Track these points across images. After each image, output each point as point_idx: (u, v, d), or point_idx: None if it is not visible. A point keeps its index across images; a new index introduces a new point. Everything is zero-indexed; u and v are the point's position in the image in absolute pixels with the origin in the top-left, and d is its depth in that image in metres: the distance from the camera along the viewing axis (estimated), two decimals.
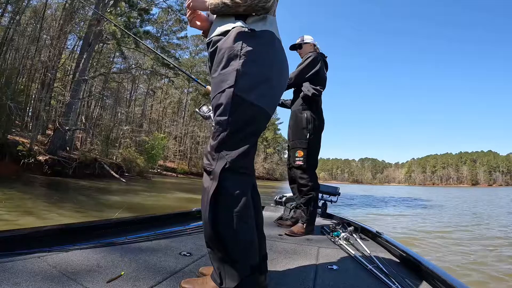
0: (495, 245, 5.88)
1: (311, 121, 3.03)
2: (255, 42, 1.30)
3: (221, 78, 1.30)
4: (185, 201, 11.51)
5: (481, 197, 29.72)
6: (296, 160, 3.02)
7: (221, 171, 1.23)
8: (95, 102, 27.43)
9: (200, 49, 49.99)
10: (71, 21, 17.51)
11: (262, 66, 1.30)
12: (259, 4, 1.31)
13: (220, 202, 1.24)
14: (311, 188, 2.97)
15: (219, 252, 1.26)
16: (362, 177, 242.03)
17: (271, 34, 1.36)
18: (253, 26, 1.33)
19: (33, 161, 13.88)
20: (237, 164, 1.25)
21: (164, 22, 30.74)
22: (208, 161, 1.28)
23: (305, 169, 3.01)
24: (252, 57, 1.28)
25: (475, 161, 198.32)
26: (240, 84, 1.25)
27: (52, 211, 6.31)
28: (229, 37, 1.31)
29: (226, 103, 1.26)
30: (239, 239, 1.25)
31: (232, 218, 1.23)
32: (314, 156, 3.07)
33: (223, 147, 1.26)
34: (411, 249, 2.15)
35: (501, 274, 3.99)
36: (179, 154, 48.38)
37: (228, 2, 1.32)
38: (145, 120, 40.22)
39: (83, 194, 10.65)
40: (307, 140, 3.00)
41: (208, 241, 1.29)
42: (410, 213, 12.15)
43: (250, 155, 1.31)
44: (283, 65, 1.41)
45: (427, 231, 7.18)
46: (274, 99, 1.38)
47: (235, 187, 1.25)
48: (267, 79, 1.31)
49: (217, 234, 1.25)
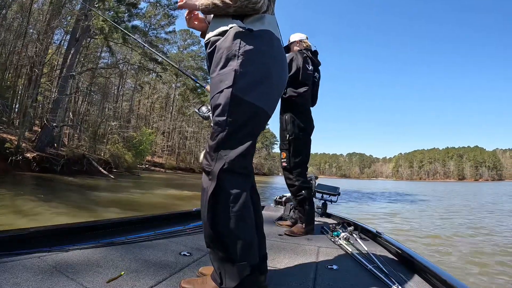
0: (495, 244, 5.83)
1: (290, 122, 3.03)
2: (253, 42, 1.30)
3: (219, 78, 1.30)
4: (176, 198, 11.42)
5: (476, 191, 29.71)
6: (282, 162, 3.08)
7: (220, 171, 1.24)
8: (82, 97, 27.04)
9: (188, 44, 49.60)
10: (58, 15, 17.22)
11: (261, 66, 1.30)
12: (248, 5, 1.30)
13: (219, 202, 1.25)
14: (299, 188, 2.96)
15: (219, 252, 1.27)
16: (350, 172, 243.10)
17: (269, 33, 1.36)
18: (251, 25, 1.32)
19: (21, 158, 13.73)
20: (235, 165, 1.25)
21: (152, 16, 30.43)
22: (207, 162, 1.28)
23: (289, 170, 3.03)
24: (251, 57, 1.28)
25: (461, 156, 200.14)
26: (239, 84, 1.26)
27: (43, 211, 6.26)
28: (227, 37, 1.32)
29: (224, 104, 1.26)
30: (238, 239, 1.25)
31: (231, 218, 1.24)
32: (298, 156, 3.04)
33: (222, 147, 1.26)
34: (411, 248, 2.15)
35: (501, 273, 4.00)
36: (167, 149, 48.07)
37: (218, 2, 1.33)
38: (132, 116, 39.76)
39: (73, 191, 10.57)
40: (287, 141, 3.02)
41: (208, 241, 1.30)
42: (409, 209, 12.16)
43: (249, 155, 1.31)
44: (283, 64, 1.42)
45: (426, 231, 7.16)
46: (274, 98, 1.38)
47: (233, 187, 1.25)
48: (266, 78, 1.31)
49: (217, 234, 1.26)
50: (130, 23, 21.78)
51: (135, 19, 23.40)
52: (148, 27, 31.35)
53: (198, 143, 55.56)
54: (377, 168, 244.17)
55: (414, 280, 1.65)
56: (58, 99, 16.69)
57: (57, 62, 21.60)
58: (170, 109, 51.66)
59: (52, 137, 16.95)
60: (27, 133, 16.74)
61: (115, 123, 28.59)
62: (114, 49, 25.85)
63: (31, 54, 16.13)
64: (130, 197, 10.53)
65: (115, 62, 27.08)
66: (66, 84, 17.47)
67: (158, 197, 11.35)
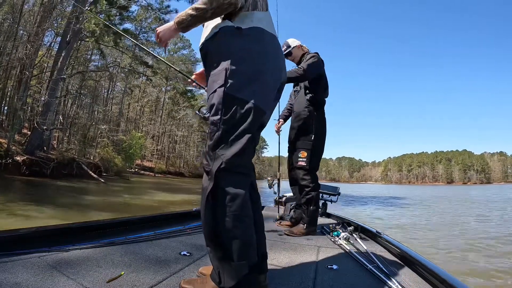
0: (495, 244, 5.93)
1: (317, 121, 3.05)
2: (243, 40, 1.31)
3: (212, 79, 1.32)
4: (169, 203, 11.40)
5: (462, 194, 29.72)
6: (298, 161, 3.01)
7: (217, 171, 1.24)
8: (71, 100, 26.72)
9: (179, 47, 49.46)
10: (49, 17, 17.04)
11: (252, 63, 1.30)
12: (225, 2, 1.28)
13: (217, 201, 1.25)
14: (312, 189, 2.96)
15: (218, 251, 1.28)
16: (340, 176, 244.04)
17: (259, 30, 1.35)
18: (239, 24, 1.32)
19: (11, 162, 13.54)
20: (233, 163, 1.26)
21: (143, 19, 30.30)
22: (206, 161, 1.30)
23: (307, 170, 3.00)
24: (241, 55, 1.29)
25: (450, 160, 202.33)
26: (230, 83, 1.27)
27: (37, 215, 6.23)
28: (216, 39, 1.34)
29: (217, 103, 1.28)
30: (236, 239, 1.25)
31: (229, 217, 1.24)
32: (317, 158, 3.06)
33: (218, 146, 1.27)
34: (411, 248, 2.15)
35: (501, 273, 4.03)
36: (157, 153, 47.70)
37: (193, 12, 1.31)
38: (122, 119, 39.45)
39: (65, 196, 10.45)
40: (311, 141, 3.01)
41: (207, 241, 1.31)
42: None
43: (246, 153, 1.30)
44: (277, 60, 1.41)
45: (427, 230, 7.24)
46: (268, 94, 1.37)
47: (231, 187, 1.25)
48: (258, 75, 1.30)
49: (215, 233, 1.27)
50: (121, 26, 21.64)
51: (126, 22, 23.29)
52: (139, 30, 31.22)
53: (188, 147, 55.29)
54: (366, 172, 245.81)
55: (414, 280, 1.66)
56: (49, 102, 16.47)
57: (47, 64, 21.35)
58: (160, 113, 51.33)
59: (42, 140, 16.71)
60: (16, 136, 16.48)
61: (105, 127, 28.30)
62: (104, 52, 25.69)
63: (21, 56, 15.91)
64: (125, 202, 10.56)
65: (106, 65, 26.85)
66: (57, 87, 17.28)
67: (150, 201, 11.36)
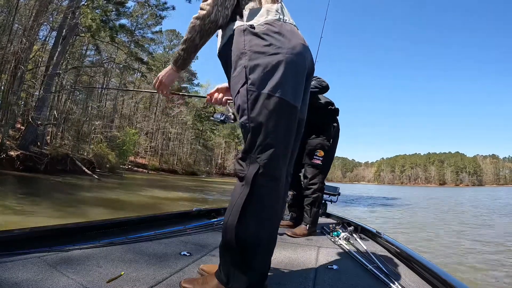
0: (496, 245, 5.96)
1: (334, 126, 3.09)
2: (257, 36, 1.26)
3: (234, 81, 1.27)
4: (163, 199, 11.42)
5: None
6: (314, 158, 2.99)
7: (254, 176, 1.18)
8: (66, 95, 26.51)
9: (174, 44, 49.36)
10: (45, 11, 16.90)
11: (271, 55, 1.23)
12: (205, 22, 1.28)
13: (250, 209, 1.19)
14: (318, 189, 2.97)
15: (236, 255, 1.22)
16: (332, 176, 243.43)
17: (273, 22, 1.29)
18: (251, 21, 1.29)
19: (5, 157, 13.48)
20: (270, 167, 1.19)
21: (139, 15, 30.19)
22: (240, 167, 1.23)
23: (320, 169, 3.00)
24: (258, 50, 1.23)
25: (442, 161, 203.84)
26: (251, 79, 1.21)
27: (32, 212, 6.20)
28: (232, 41, 1.30)
29: (242, 102, 1.22)
30: (262, 248, 1.23)
31: (261, 227, 1.21)
32: (330, 159, 3.09)
33: (252, 149, 1.21)
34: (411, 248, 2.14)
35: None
36: (150, 150, 47.59)
37: (183, 46, 1.33)
38: (116, 115, 39.28)
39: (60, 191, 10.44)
40: (330, 142, 3.04)
41: (226, 243, 1.24)
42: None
43: (282, 155, 1.24)
44: (298, 48, 1.30)
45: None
46: (294, 86, 1.27)
47: (267, 194, 1.21)
48: (280, 66, 1.22)
49: (241, 239, 1.20)
50: (117, 22, 21.55)
51: (122, 17, 23.18)
52: (135, 26, 31.10)
53: (181, 144, 55.19)
54: (359, 172, 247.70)
55: (414, 280, 1.66)
56: (44, 97, 16.36)
57: (42, 59, 21.18)
58: (154, 110, 51.20)
59: (36, 135, 16.61)
60: (10, 131, 16.36)
61: (99, 123, 28.19)
62: (100, 47, 25.56)
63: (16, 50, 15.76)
64: (120, 198, 10.51)
65: (101, 61, 26.71)
66: (52, 82, 17.17)
67: (144, 198, 11.35)
